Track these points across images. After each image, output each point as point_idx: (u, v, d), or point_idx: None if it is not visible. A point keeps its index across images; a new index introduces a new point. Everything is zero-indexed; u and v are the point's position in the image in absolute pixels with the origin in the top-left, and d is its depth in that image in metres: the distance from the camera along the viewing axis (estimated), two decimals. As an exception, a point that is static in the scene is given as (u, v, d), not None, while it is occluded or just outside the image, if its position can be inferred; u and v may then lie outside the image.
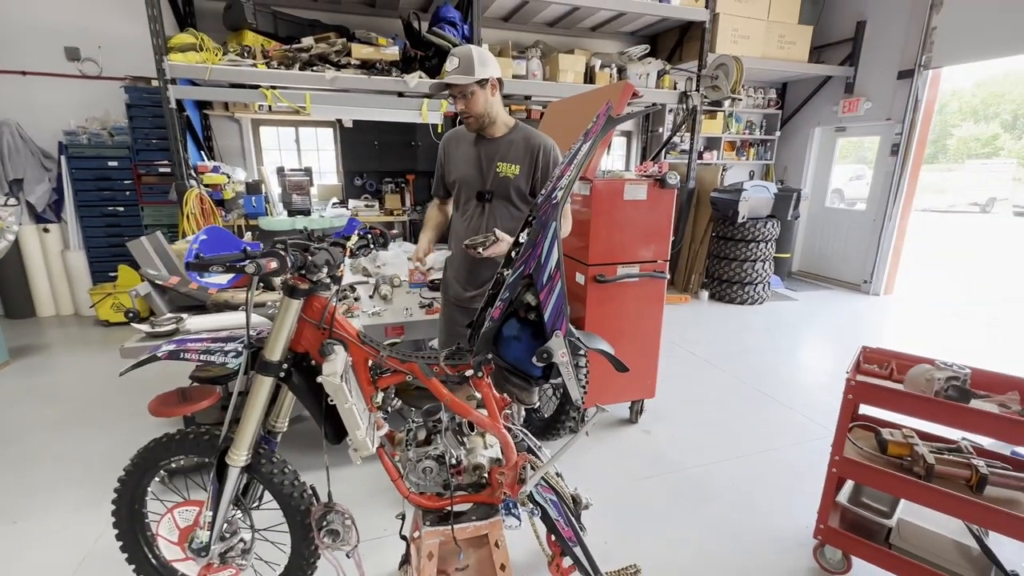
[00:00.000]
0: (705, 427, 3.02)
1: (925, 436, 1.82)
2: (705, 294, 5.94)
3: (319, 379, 1.28)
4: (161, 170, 4.60)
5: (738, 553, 2.05)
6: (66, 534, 2.08)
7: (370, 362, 1.45)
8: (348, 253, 1.39)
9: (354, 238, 1.44)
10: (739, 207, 5.35)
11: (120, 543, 1.60)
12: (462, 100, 1.87)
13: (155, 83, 4.27)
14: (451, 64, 1.82)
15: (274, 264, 1.10)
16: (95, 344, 4.25)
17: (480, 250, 1.73)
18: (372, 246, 1.55)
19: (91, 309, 4.62)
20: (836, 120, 6.41)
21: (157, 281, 2.34)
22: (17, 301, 4.73)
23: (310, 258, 1.23)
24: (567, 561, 1.67)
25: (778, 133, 7.06)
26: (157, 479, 1.57)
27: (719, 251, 5.82)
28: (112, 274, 4.67)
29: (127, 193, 4.72)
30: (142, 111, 4.48)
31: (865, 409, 1.85)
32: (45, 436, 2.81)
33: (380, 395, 1.45)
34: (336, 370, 1.27)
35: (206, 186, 4.34)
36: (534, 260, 1.35)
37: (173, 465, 1.53)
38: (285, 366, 1.35)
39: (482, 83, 1.85)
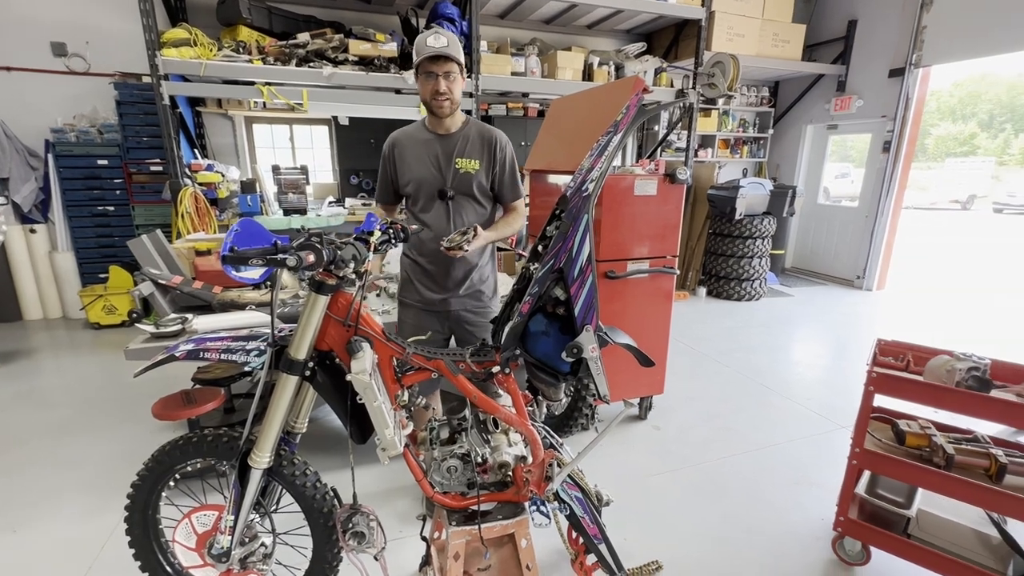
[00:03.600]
0: (713, 422, 3.03)
1: (940, 427, 1.83)
2: (703, 291, 5.97)
3: (348, 377, 1.25)
4: (152, 169, 4.49)
5: (756, 547, 2.05)
6: (70, 543, 2.01)
7: (395, 360, 1.41)
8: (372, 248, 1.35)
9: (377, 233, 1.40)
10: (737, 204, 5.39)
11: (133, 550, 1.55)
12: (446, 80, 1.76)
13: (146, 79, 4.17)
14: (438, 41, 1.70)
15: (312, 258, 1.06)
16: (85, 347, 4.14)
17: (465, 247, 1.65)
18: (393, 241, 1.51)
19: (81, 311, 4.50)
20: (828, 118, 6.49)
21: (160, 280, 2.28)
22: (2, 304, 4.59)
23: (339, 252, 1.20)
24: (591, 559, 1.66)
25: (771, 131, 7.12)
26: (172, 483, 1.52)
27: (716, 248, 5.86)
28: (102, 275, 4.54)
29: (117, 192, 4.60)
30: (132, 108, 4.37)
31: (879, 401, 1.86)
32: (40, 442, 2.72)
33: (405, 393, 1.42)
34: (365, 368, 1.24)
35: (200, 185, 4.25)
36: (565, 253, 1.34)
37: (189, 469, 1.48)
38: (310, 364, 1.31)
39: (462, 68, 1.79)
